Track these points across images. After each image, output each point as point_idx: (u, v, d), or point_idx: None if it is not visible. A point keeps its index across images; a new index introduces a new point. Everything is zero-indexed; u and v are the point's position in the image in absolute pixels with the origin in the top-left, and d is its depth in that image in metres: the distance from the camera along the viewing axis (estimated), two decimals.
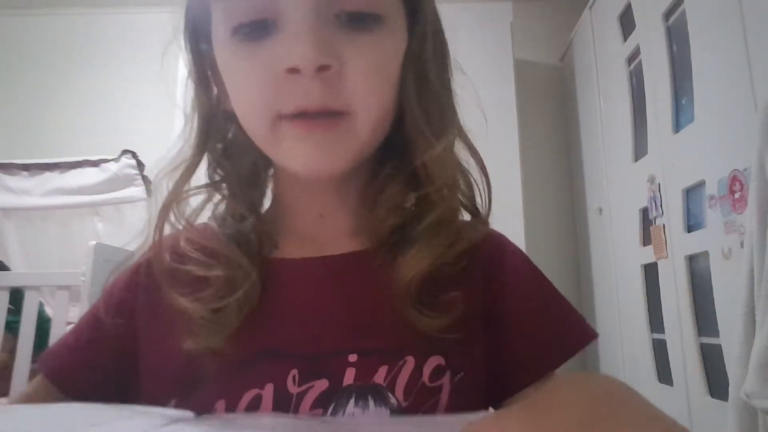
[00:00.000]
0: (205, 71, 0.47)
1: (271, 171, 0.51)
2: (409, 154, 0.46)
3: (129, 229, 2.48)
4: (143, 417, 0.35)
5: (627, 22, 1.82)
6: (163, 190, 0.46)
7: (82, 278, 1.64)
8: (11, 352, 1.62)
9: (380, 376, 0.40)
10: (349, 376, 0.40)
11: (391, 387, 0.40)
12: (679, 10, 1.45)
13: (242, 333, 0.41)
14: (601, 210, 2.08)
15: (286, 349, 0.41)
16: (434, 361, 0.41)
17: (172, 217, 0.47)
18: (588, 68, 2.21)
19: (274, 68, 0.39)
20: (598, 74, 2.12)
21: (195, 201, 0.48)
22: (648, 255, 1.66)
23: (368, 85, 0.41)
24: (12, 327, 1.64)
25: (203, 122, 0.47)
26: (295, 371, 0.40)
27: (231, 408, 0.39)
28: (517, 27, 2.27)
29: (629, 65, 1.83)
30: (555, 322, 0.47)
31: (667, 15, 1.53)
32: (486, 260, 0.47)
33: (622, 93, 1.86)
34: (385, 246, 0.45)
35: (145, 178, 2.53)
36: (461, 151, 0.47)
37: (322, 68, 0.38)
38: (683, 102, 1.47)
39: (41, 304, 1.72)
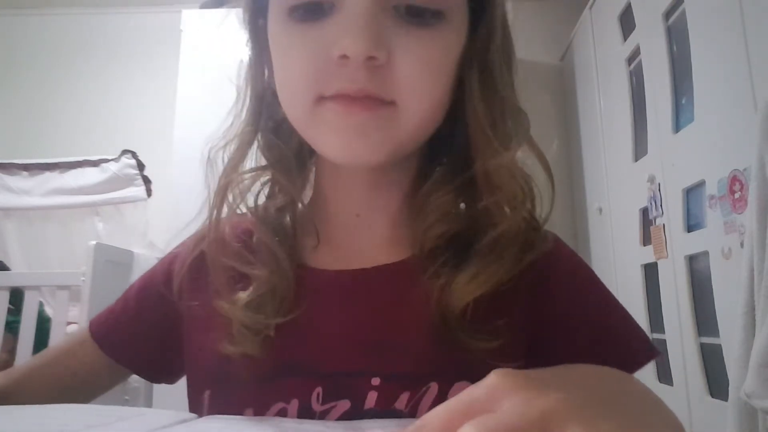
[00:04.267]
0: (261, 48, 0.46)
1: (314, 159, 0.50)
2: (469, 158, 0.43)
3: (129, 229, 2.48)
4: (141, 419, 0.35)
5: (627, 22, 1.82)
6: (218, 165, 0.47)
7: (82, 278, 1.64)
8: (11, 352, 1.62)
9: (402, 402, 0.39)
10: (371, 399, 0.40)
11: (413, 413, 0.39)
12: (679, 10, 1.45)
13: (273, 344, 0.42)
14: (601, 210, 2.08)
15: (313, 365, 0.42)
16: (460, 387, 0.39)
17: (229, 198, 0.46)
18: (588, 68, 2.21)
19: (323, 51, 0.38)
20: (598, 74, 2.12)
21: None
22: (648, 255, 1.65)
23: (416, 79, 0.39)
24: (12, 327, 1.64)
25: (256, 99, 0.47)
26: (319, 389, 0.40)
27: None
28: (517, 27, 2.26)
29: (629, 65, 1.83)
30: (615, 336, 0.44)
31: (667, 15, 1.52)
32: (537, 269, 0.44)
33: (622, 93, 1.85)
34: (430, 257, 0.43)
35: (145, 178, 2.53)
36: (526, 157, 0.45)
37: (370, 58, 0.37)
38: (683, 102, 1.47)
39: (41, 304, 1.72)
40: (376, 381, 0.40)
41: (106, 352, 0.50)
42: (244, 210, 0.48)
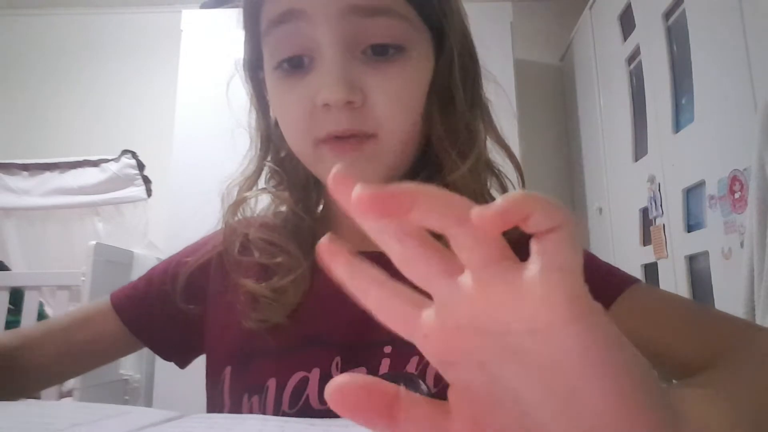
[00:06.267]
0: (263, 97, 0.55)
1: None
2: (440, 169, 0.51)
3: (129, 229, 2.47)
4: (127, 417, 0.35)
5: (627, 22, 1.82)
6: (234, 195, 0.55)
7: (82, 278, 1.64)
8: None
9: (412, 366, 0.45)
10: (385, 365, 0.46)
11: (422, 375, 0.45)
12: (679, 10, 1.45)
13: (294, 319, 0.48)
14: (601, 210, 2.08)
15: (331, 337, 0.48)
16: None
17: (238, 215, 0.55)
18: (588, 68, 2.21)
19: (309, 102, 0.46)
20: (598, 74, 2.12)
21: (260, 206, 0.58)
22: (648, 255, 1.65)
23: (390, 112, 0.46)
24: (12, 327, 1.64)
25: (262, 141, 0.56)
26: (338, 358, 0.46)
27: (281, 386, 0.45)
28: (517, 27, 2.26)
29: (629, 65, 1.83)
30: (598, 269, 0.52)
31: (667, 15, 1.52)
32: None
33: (622, 93, 1.85)
34: None
35: (145, 178, 2.53)
36: (498, 155, 0.53)
37: (348, 103, 0.44)
38: (683, 102, 1.47)
39: (41, 304, 1.72)
40: (388, 349, 0.46)
41: (126, 325, 0.54)
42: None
